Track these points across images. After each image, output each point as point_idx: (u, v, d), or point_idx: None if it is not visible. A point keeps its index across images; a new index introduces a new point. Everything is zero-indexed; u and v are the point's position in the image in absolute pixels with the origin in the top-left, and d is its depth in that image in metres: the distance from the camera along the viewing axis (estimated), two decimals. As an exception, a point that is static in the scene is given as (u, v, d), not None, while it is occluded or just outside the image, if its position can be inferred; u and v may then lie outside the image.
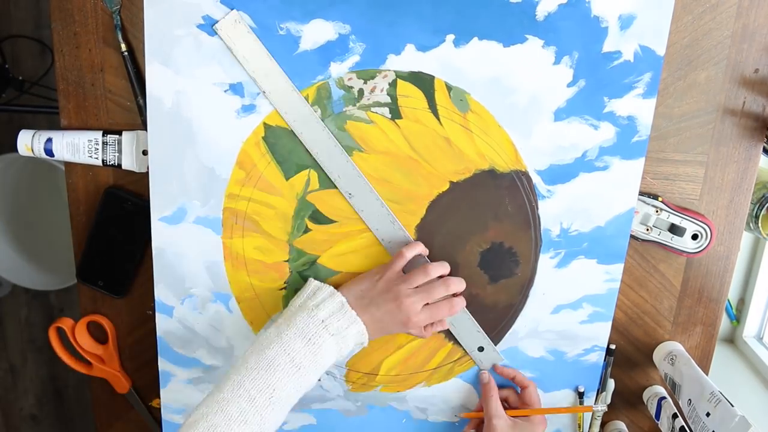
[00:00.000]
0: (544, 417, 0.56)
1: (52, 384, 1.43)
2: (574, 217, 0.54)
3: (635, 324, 0.58)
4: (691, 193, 0.54)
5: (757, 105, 0.52)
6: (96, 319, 0.62)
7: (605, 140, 0.52)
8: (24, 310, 1.39)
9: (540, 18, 0.49)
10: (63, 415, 1.44)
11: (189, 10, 0.51)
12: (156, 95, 0.53)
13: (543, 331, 0.57)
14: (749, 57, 0.51)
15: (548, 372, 0.58)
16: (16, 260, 1.21)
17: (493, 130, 0.52)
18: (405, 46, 0.51)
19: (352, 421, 0.61)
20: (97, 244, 0.59)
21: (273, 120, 0.53)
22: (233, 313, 0.58)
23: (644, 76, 0.50)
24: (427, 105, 0.52)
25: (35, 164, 1.15)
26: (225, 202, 0.55)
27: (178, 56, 0.52)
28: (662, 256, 0.56)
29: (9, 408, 1.44)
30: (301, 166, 0.54)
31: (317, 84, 0.52)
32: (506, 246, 0.55)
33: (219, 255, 0.56)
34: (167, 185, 0.55)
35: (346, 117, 0.53)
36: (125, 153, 0.56)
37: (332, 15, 0.50)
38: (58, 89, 0.56)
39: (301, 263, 0.56)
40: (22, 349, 1.41)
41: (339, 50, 0.51)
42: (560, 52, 0.50)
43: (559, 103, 0.51)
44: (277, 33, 0.51)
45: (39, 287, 1.23)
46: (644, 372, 0.60)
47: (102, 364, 0.62)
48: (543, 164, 0.53)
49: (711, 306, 0.57)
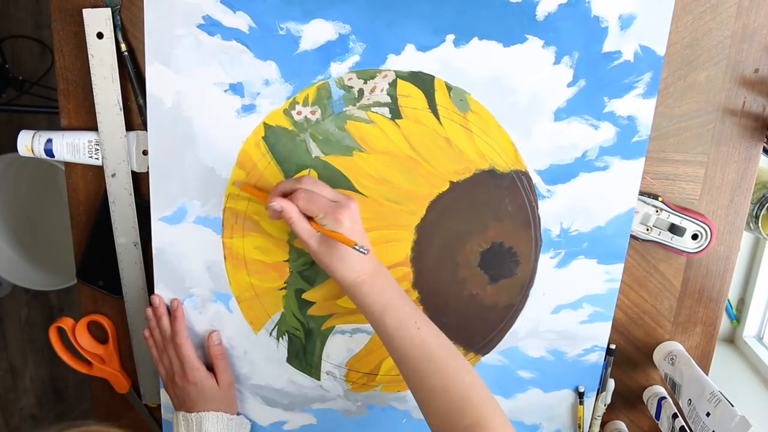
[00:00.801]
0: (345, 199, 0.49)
1: (52, 384, 1.43)
2: (574, 217, 0.54)
3: (635, 324, 0.58)
4: (691, 193, 0.54)
5: (757, 105, 0.52)
6: (97, 318, 0.62)
7: (605, 140, 0.52)
8: (24, 310, 1.39)
9: (540, 18, 0.49)
10: (63, 415, 1.44)
11: (189, 10, 0.51)
12: (156, 95, 0.53)
13: (543, 331, 0.57)
14: (749, 57, 0.51)
15: (548, 372, 0.58)
16: (16, 260, 1.20)
17: (493, 130, 0.52)
18: (405, 46, 0.51)
19: (353, 421, 0.61)
20: (97, 244, 0.59)
21: (273, 120, 0.53)
22: (233, 312, 0.58)
23: (644, 76, 0.50)
24: (427, 105, 0.52)
25: (35, 164, 1.15)
26: (225, 202, 0.55)
27: (178, 56, 0.52)
28: (662, 256, 0.56)
29: (9, 408, 1.44)
30: (301, 166, 0.54)
31: (317, 84, 0.52)
32: (506, 246, 0.55)
33: (219, 255, 0.56)
34: (167, 185, 0.55)
35: (346, 117, 0.53)
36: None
37: (332, 15, 0.50)
38: (59, 89, 0.56)
39: (301, 263, 0.56)
40: (22, 349, 1.41)
41: (339, 50, 0.51)
42: (560, 52, 0.50)
43: (559, 103, 0.51)
44: (277, 33, 0.51)
45: (39, 287, 1.22)
46: (644, 372, 0.60)
47: (102, 364, 0.62)
48: (543, 164, 0.53)
49: (711, 306, 0.57)
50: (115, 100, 0.53)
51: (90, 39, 0.52)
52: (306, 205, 0.47)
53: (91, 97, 0.55)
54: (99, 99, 0.53)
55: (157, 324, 0.58)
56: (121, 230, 0.57)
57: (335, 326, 0.58)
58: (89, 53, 0.52)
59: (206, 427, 0.55)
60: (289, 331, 0.59)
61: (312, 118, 0.53)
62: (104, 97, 0.53)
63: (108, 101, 0.53)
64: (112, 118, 0.54)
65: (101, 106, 0.53)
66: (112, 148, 0.54)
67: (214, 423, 0.55)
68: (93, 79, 0.53)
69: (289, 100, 0.52)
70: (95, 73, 0.53)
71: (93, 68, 0.53)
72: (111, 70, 0.52)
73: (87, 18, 0.52)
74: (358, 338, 0.58)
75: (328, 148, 0.53)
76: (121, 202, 0.55)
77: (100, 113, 0.53)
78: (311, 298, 0.57)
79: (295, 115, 0.53)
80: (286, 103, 0.52)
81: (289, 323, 0.58)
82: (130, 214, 0.56)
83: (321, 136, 0.53)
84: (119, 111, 0.53)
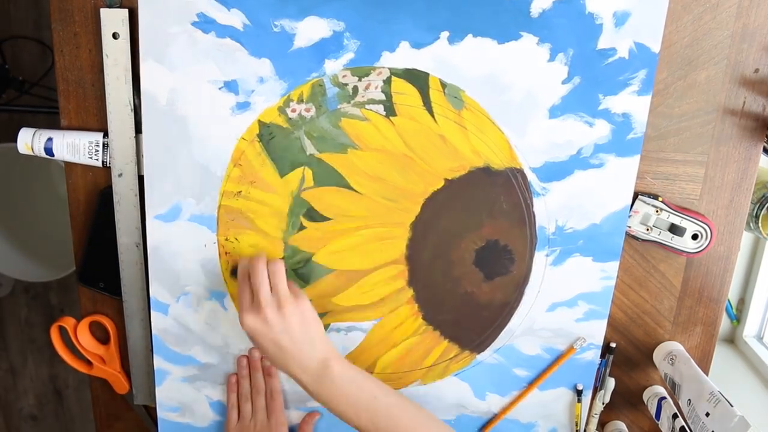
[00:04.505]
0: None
1: (52, 384, 1.43)
2: (570, 215, 0.53)
3: (635, 324, 0.58)
4: (691, 193, 0.54)
5: (757, 105, 0.52)
6: (98, 319, 0.62)
7: (600, 137, 0.51)
8: (24, 310, 1.40)
9: (534, 15, 0.49)
10: (63, 415, 1.45)
11: (183, 8, 0.51)
12: (151, 93, 0.53)
13: (538, 329, 0.57)
14: (749, 57, 0.51)
15: (544, 370, 0.58)
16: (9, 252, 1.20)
17: (488, 127, 0.52)
18: (399, 43, 0.51)
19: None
20: (97, 245, 0.59)
21: (268, 117, 0.53)
22: (228, 310, 0.58)
23: (639, 73, 0.50)
24: (421, 102, 0.52)
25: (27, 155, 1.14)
26: (220, 200, 0.55)
27: (172, 54, 0.52)
28: (662, 256, 0.56)
29: (9, 408, 1.44)
30: (296, 164, 0.54)
31: (312, 81, 0.52)
32: (501, 243, 0.55)
33: (214, 252, 0.56)
34: (162, 183, 0.55)
35: (341, 114, 0.53)
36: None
37: (326, 12, 0.50)
38: (59, 89, 0.56)
39: (296, 261, 0.56)
40: (22, 349, 1.42)
41: (333, 47, 0.51)
42: (555, 49, 0.50)
43: (553, 100, 0.51)
44: (272, 30, 0.51)
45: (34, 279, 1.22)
46: (644, 372, 0.59)
47: (102, 364, 0.62)
48: (538, 161, 0.52)
49: (711, 306, 0.57)
50: (127, 101, 0.53)
51: (105, 39, 0.52)
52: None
53: (91, 98, 0.55)
54: (111, 99, 0.54)
55: (249, 374, 0.59)
56: (124, 230, 0.57)
57: (330, 324, 0.58)
58: (104, 53, 0.53)
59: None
60: (284, 330, 0.58)
61: (306, 116, 0.53)
62: (116, 97, 0.53)
63: (120, 101, 0.54)
64: (123, 119, 0.54)
65: (112, 106, 0.54)
66: (121, 149, 0.54)
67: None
68: (106, 79, 0.53)
69: (283, 97, 0.52)
70: (108, 73, 0.53)
71: (107, 68, 0.53)
72: (125, 70, 0.53)
73: (104, 18, 0.52)
74: (354, 336, 0.58)
75: (323, 145, 0.53)
76: (126, 202, 0.56)
77: (111, 113, 0.54)
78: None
79: (289, 112, 0.53)
80: (281, 101, 0.52)
81: (284, 321, 0.58)
82: (134, 214, 0.56)
83: (316, 133, 0.53)
84: (130, 112, 0.54)
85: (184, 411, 0.62)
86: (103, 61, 0.53)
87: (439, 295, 0.56)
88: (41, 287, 1.39)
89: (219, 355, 0.60)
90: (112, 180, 0.56)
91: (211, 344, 0.59)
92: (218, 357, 0.60)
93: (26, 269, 1.20)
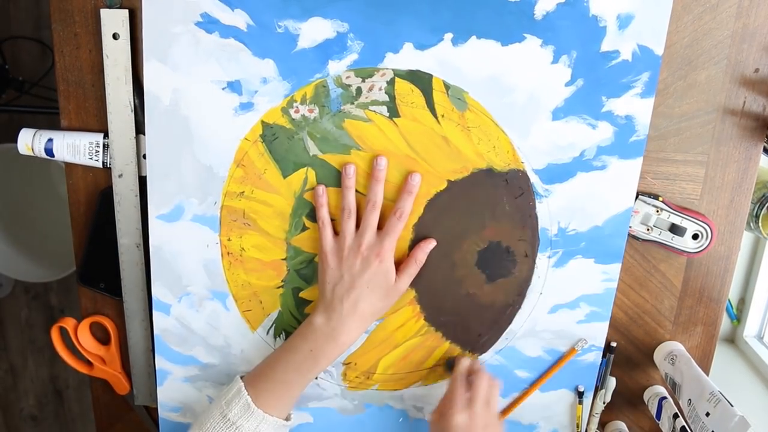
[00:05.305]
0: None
1: (52, 384, 1.43)
2: (572, 217, 0.53)
3: (636, 324, 0.58)
4: (692, 192, 0.54)
5: (758, 105, 0.52)
6: (99, 319, 0.62)
7: (603, 140, 0.51)
8: (24, 311, 1.40)
9: (538, 17, 0.49)
10: (63, 415, 1.44)
11: (187, 8, 0.51)
12: (154, 93, 0.53)
13: (540, 331, 0.57)
14: (749, 57, 0.51)
15: (545, 371, 0.58)
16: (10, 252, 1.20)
17: (491, 129, 0.52)
18: (403, 45, 0.51)
19: (349, 419, 0.61)
20: (97, 246, 0.59)
21: (271, 118, 0.53)
22: (230, 311, 0.58)
23: (642, 75, 0.50)
24: (425, 103, 0.52)
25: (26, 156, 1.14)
26: (223, 200, 0.55)
27: (175, 54, 0.52)
28: (663, 255, 0.56)
29: (9, 408, 1.44)
30: (299, 165, 0.54)
31: (315, 82, 0.52)
32: (504, 245, 0.55)
33: (216, 253, 0.56)
34: (164, 183, 0.55)
35: (344, 115, 0.53)
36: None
37: (330, 13, 0.50)
38: (59, 90, 0.56)
39: (299, 261, 0.56)
40: (22, 350, 1.41)
41: (337, 48, 0.51)
42: (558, 51, 0.50)
43: (557, 103, 0.51)
44: (276, 31, 0.51)
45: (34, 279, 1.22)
46: (645, 372, 0.59)
47: (103, 365, 0.62)
48: (541, 163, 0.53)
49: (711, 306, 0.57)
50: (127, 101, 0.53)
51: (106, 39, 0.52)
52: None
53: (91, 98, 0.55)
54: (111, 99, 0.54)
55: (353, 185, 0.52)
56: (124, 231, 0.57)
57: (333, 325, 0.58)
58: (104, 54, 0.53)
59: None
60: (286, 330, 0.58)
61: (310, 117, 0.53)
62: (116, 97, 0.53)
63: (120, 102, 0.53)
64: (123, 119, 0.54)
65: (113, 107, 0.54)
66: (121, 149, 0.55)
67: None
68: (106, 80, 0.53)
69: (287, 98, 0.52)
70: (109, 73, 0.53)
71: (107, 69, 0.53)
72: (125, 71, 0.53)
73: (104, 18, 0.52)
74: (356, 337, 0.58)
75: (326, 146, 0.53)
76: (126, 203, 0.56)
77: (111, 113, 0.54)
78: (309, 297, 0.57)
79: (292, 113, 0.53)
80: (284, 101, 0.52)
81: (286, 322, 0.58)
82: (134, 215, 0.56)
83: (319, 134, 0.53)
84: (130, 112, 0.54)
85: (186, 411, 0.62)
86: (103, 62, 0.53)
87: (441, 297, 0.56)
88: (41, 288, 1.39)
89: (220, 355, 0.60)
90: (113, 180, 0.56)
91: (212, 344, 0.59)
92: (220, 357, 0.60)
93: (26, 270, 1.20)
